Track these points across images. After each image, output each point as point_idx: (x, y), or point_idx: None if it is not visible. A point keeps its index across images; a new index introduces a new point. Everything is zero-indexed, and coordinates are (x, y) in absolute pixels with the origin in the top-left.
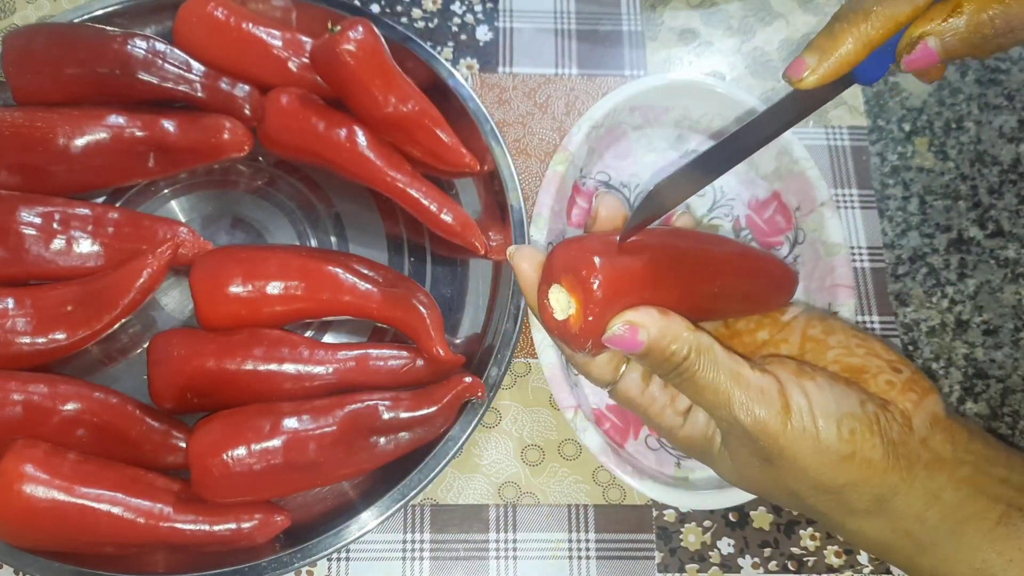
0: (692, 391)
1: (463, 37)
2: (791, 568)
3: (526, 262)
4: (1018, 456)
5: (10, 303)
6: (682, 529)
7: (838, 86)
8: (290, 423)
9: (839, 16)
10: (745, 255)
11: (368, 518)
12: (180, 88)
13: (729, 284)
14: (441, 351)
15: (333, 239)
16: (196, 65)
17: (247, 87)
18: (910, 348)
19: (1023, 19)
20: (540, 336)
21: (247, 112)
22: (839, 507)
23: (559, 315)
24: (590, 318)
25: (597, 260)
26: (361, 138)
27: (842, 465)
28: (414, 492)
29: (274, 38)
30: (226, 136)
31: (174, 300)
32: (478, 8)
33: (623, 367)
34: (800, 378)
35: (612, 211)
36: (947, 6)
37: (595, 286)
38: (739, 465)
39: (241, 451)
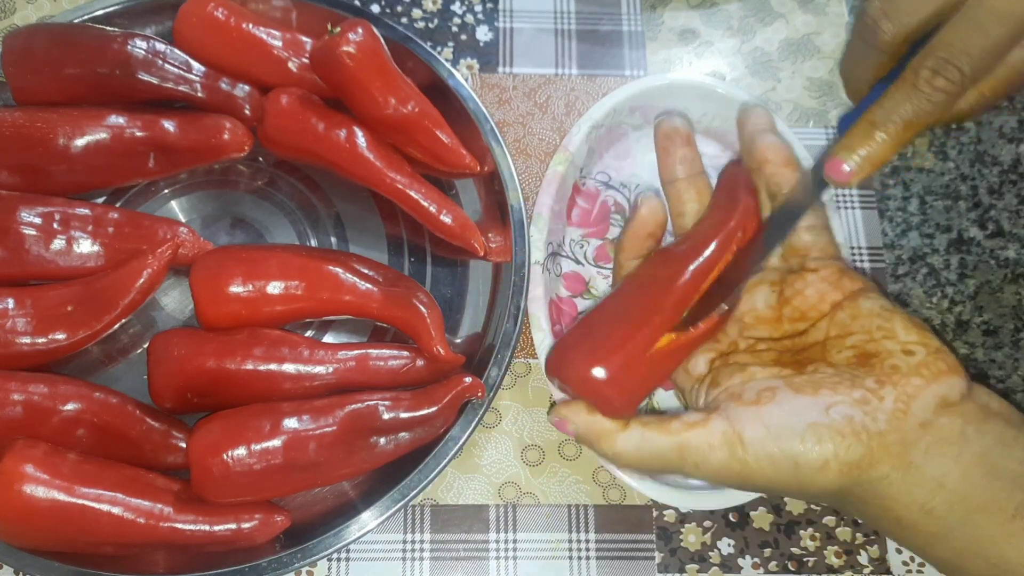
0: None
1: (463, 37)
2: (791, 568)
3: (645, 208)
4: None
5: (10, 303)
6: (682, 529)
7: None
8: (290, 423)
9: (877, 123)
10: (708, 263)
11: (368, 518)
12: (180, 88)
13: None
14: (441, 350)
15: (333, 239)
16: (196, 65)
17: (247, 87)
18: None
19: (997, 99)
20: (540, 336)
21: (247, 112)
22: (842, 505)
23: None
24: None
25: (612, 402)
26: (361, 139)
27: (820, 474)
28: (414, 492)
29: (274, 38)
30: (226, 136)
31: (174, 300)
32: (478, 8)
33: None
34: (760, 405)
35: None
36: None
37: (611, 410)
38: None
39: (241, 451)
